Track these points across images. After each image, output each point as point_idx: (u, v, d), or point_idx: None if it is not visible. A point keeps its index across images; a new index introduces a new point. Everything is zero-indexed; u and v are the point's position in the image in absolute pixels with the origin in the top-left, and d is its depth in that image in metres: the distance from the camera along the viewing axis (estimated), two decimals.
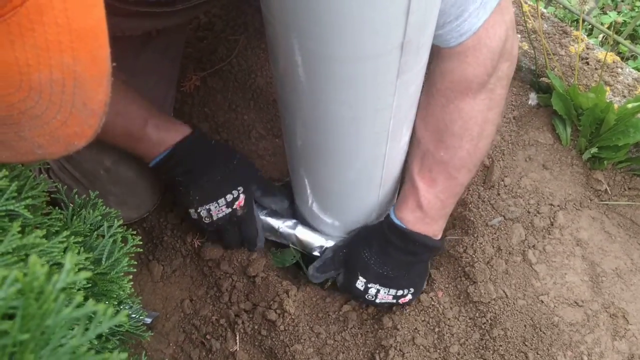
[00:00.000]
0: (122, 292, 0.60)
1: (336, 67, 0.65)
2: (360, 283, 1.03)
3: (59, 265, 0.50)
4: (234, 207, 1.05)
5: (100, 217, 0.76)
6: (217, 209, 1.05)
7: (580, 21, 1.10)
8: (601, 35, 1.52)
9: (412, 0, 0.57)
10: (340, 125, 0.77)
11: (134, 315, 0.79)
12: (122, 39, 1.00)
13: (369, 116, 0.75)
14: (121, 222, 0.79)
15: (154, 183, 1.15)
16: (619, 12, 1.53)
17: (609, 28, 1.53)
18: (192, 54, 1.33)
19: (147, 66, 1.09)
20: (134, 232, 0.82)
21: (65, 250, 0.53)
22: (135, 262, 0.74)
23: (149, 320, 1.06)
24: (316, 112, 0.77)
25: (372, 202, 1.02)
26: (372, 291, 1.03)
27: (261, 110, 1.30)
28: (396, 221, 0.99)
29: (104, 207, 0.77)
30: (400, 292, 1.04)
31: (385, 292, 1.03)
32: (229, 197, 1.04)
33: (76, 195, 0.77)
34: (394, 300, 1.05)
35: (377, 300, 1.05)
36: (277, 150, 1.29)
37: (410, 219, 0.98)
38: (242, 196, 1.06)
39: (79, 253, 0.50)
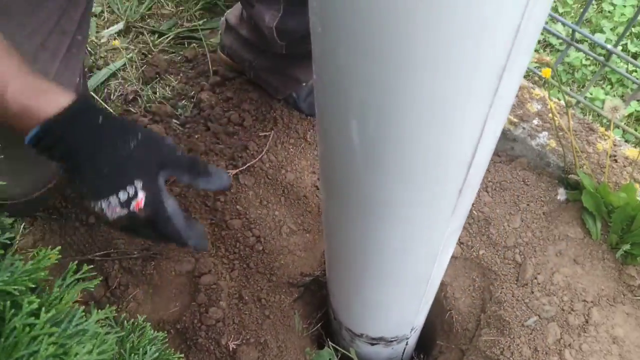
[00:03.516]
0: None
1: (391, 210, 0.67)
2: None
3: None
4: (131, 208, 0.78)
5: None
6: (110, 209, 0.78)
7: (612, 126, 1.12)
8: (623, 124, 1.55)
9: (476, 155, 0.59)
10: (388, 254, 0.78)
11: None
12: None
13: (419, 247, 0.76)
14: None
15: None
16: (639, 101, 1.56)
17: (629, 117, 1.56)
18: (223, 150, 1.35)
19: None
20: (165, 334, 0.82)
21: None
22: None
23: None
24: (364, 242, 0.78)
25: (413, 311, 1.02)
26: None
27: (292, 206, 1.31)
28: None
29: None
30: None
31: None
32: (123, 195, 0.77)
33: None
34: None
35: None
36: (308, 245, 1.29)
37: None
38: (140, 194, 0.78)
39: None
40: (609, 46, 1.13)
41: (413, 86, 0.50)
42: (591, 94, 1.56)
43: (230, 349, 1.15)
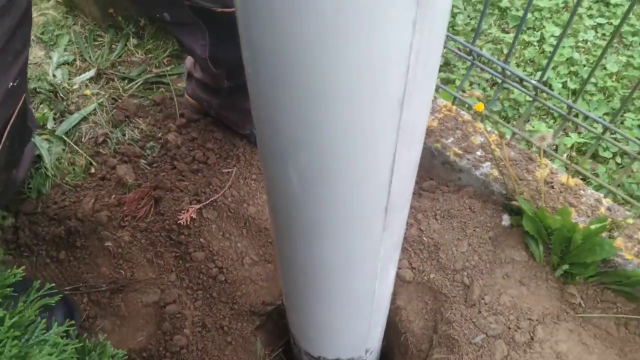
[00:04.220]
0: None
1: (328, 228, 0.75)
2: None
3: None
4: None
5: None
6: None
7: (541, 153, 1.22)
8: (565, 154, 1.66)
9: (393, 177, 0.67)
10: (332, 271, 0.86)
11: None
12: None
13: (359, 264, 0.84)
14: None
15: None
16: (579, 133, 1.68)
17: (571, 148, 1.67)
18: (188, 187, 1.42)
19: None
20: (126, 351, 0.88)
21: None
22: None
23: None
24: (309, 261, 0.85)
25: (363, 331, 1.09)
26: None
27: (253, 238, 1.39)
28: None
29: None
30: None
31: None
32: None
33: None
34: None
35: None
36: (270, 275, 1.36)
37: None
38: None
39: None
40: (533, 81, 1.24)
41: (332, 118, 0.59)
42: (533, 127, 1.68)
43: None
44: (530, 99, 1.78)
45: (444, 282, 1.33)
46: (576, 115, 1.47)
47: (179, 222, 1.35)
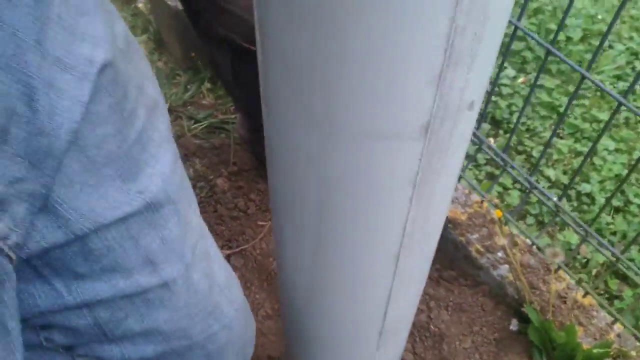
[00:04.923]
0: None
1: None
2: None
3: None
4: None
5: None
6: None
7: (553, 270, 1.26)
8: (595, 270, 1.67)
9: (389, 308, 0.75)
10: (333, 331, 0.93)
11: None
12: None
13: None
14: None
15: None
16: (613, 254, 1.68)
17: (602, 265, 1.68)
18: (224, 232, 1.53)
19: None
20: None
21: None
22: None
23: None
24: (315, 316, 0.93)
25: None
26: None
27: (272, 292, 1.47)
28: None
29: None
30: None
31: None
32: None
33: None
34: None
35: None
36: (280, 331, 1.44)
37: None
38: None
39: None
40: (555, 198, 1.29)
41: (333, 262, 0.67)
42: (564, 237, 1.70)
43: None
44: (571, 208, 1.81)
45: None
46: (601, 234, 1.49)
47: None
